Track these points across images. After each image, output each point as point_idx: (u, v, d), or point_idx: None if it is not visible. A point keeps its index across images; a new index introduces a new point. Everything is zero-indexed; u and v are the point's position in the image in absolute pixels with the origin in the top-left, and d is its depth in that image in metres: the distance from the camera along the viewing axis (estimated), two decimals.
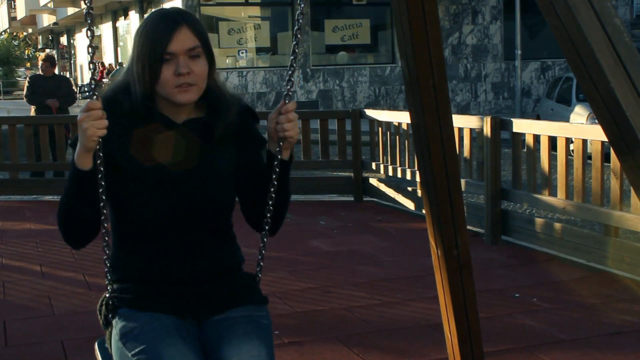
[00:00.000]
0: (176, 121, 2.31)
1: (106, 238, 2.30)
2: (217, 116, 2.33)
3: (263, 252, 2.51)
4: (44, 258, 6.51)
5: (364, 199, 9.02)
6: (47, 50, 40.50)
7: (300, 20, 2.32)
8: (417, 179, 7.74)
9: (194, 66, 2.24)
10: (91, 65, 2.15)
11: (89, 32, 2.15)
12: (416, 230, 7.28)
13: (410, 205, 8.17)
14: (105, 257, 2.32)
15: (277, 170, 2.35)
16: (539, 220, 6.59)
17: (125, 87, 2.30)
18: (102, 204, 2.24)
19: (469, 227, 3.93)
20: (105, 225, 2.27)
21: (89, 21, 2.15)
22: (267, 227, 2.43)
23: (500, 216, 6.73)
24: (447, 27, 22.90)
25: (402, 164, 8.32)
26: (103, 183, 2.20)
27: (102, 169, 2.19)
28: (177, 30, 2.21)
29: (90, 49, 2.16)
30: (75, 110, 12.02)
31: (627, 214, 5.46)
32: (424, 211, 2.69)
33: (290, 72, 2.34)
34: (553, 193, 6.30)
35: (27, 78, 11.51)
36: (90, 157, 2.16)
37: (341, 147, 9.10)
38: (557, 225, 6.35)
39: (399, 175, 8.33)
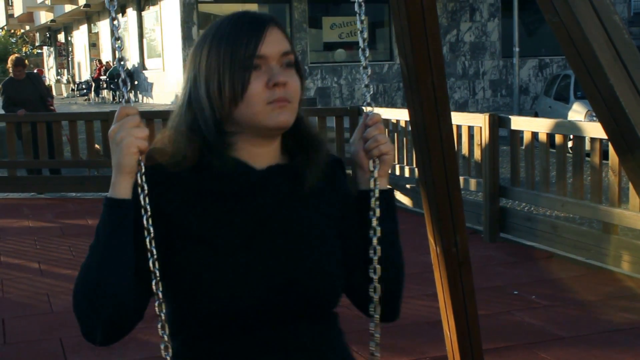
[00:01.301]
0: (256, 167, 1.64)
1: (165, 337, 1.54)
2: (307, 160, 1.68)
3: (376, 335, 1.89)
4: (43, 255, 6.51)
5: None
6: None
7: (364, 23, 1.92)
8: (416, 176, 7.75)
9: (289, 77, 1.60)
10: (117, 62, 1.60)
11: (115, 22, 1.62)
12: (414, 227, 7.26)
13: (408, 202, 8.17)
14: (166, 354, 1.56)
15: (381, 206, 1.74)
16: (537, 218, 6.59)
17: (178, 130, 1.62)
18: (153, 258, 1.53)
19: (467, 225, 3.92)
20: (160, 292, 1.54)
21: (114, 8, 1.65)
22: (376, 297, 1.79)
23: (498, 214, 6.73)
24: (445, 24, 22.90)
25: (400, 162, 8.32)
26: (151, 225, 1.52)
27: (146, 194, 1.53)
28: (268, 30, 1.60)
29: (115, 41, 1.60)
30: (73, 107, 11.93)
31: (626, 211, 5.46)
32: (422, 209, 2.69)
33: (365, 75, 1.87)
34: (551, 190, 6.30)
35: (1, 86, 11.11)
36: (130, 181, 1.52)
37: (339, 144, 9.10)
38: (556, 222, 6.35)
39: (397, 172, 8.33)
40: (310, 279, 1.61)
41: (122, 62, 1.61)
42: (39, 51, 48.15)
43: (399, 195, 8.36)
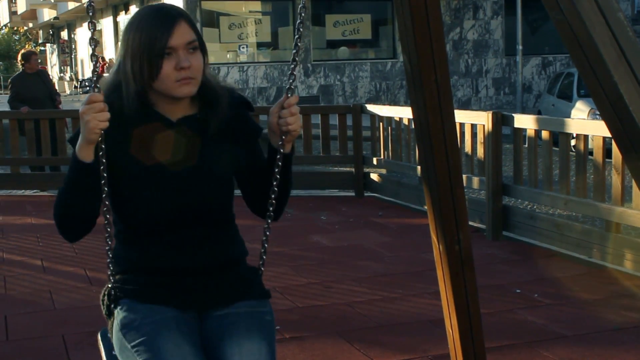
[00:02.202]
0: (172, 119, 2.31)
1: (108, 229, 2.30)
2: (211, 111, 2.34)
3: (266, 245, 2.49)
4: (45, 252, 6.51)
5: (365, 194, 9.02)
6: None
7: (303, 14, 2.32)
8: (419, 174, 7.74)
9: (193, 60, 2.23)
10: (93, 58, 2.16)
11: (90, 25, 2.14)
12: (417, 225, 7.27)
13: (411, 200, 8.17)
14: (107, 247, 2.33)
15: (280, 163, 2.35)
16: (540, 216, 6.59)
17: (116, 85, 2.28)
18: (104, 195, 2.24)
19: (470, 223, 3.93)
20: (108, 216, 2.29)
21: (91, 14, 2.16)
22: (269, 219, 2.44)
23: (501, 212, 6.73)
24: (448, 22, 22.87)
25: (403, 159, 8.31)
26: (105, 175, 2.20)
27: (104, 160, 2.19)
28: (177, 24, 2.20)
29: (91, 41, 2.15)
30: (75, 105, 11.91)
31: (629, 210, 5.45)
32: (425, 206, 2.69)
33: (292, 65, 2.34)
34: (554, 188, 6.29)
35: (10, 81, 11.07)
36: (91, 149, 2.16)
37: (342, 142, 9.10)
38: (559, 221, 6.35)
39: (400, 170, 8.33)
40: (203, 200, 2.31)
41: (94, 57, 2.17)
42: (42, 48, 48.15)
43: (402, 194, 8.35)
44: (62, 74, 41.39)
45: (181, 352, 2.16)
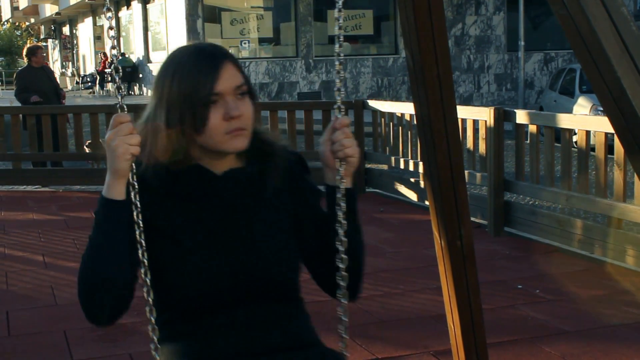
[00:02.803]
0: (216, 172, 1.93)
1: (152, 319, 1.83)
2: (263, 164, 1.95)
3: (345, 319, 2.07)
4: (47, 248, 6.52)
5: (367, 189, 9.02)
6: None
7: (340, 22, 2.10)
8: (420, 169, 7.74)
9: (242, 107, 1.86)
10: (114, 72, 1.84)
11: (109, 32, 1.86)
12: (419, 221, 7.27)
13: (413, 196, 8.16)
14: (152, 346, 1.84)
15: (344, 203, 1.94)
16: (542, 212, 6.58)
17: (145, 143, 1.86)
18: (140, 250, 1.81)
19: (472, 219, 3.92)
20: (148, 279, 1.81)
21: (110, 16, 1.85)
22: (343, 284, 2.00)
23: (503, 207, 6.72)
24: (450, 18, 22.84)
25: (405, 155, 8.31)
26: (140, 223, 1.79)
27: (136, 192, 1.80)
28: (223, 67, 1.84)
29: (112, 30, 1.85)
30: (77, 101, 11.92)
31: (631, 206, 5.45)
32: (427, 202, 2.69)
33: (337, 80, 2.02)
34: (556, 184, 6.29)
35: (16, 74, 11.11)
36: (123, 184, 1.77)
37: None
38: (560, 216, 6.34)
39: (402, 166, 8.33)
40: (262, 267, 1.89)
41: (114, 51, 1.87)
42: (44, 44, 48.17)
43: (404, 190, 8.35)
44: (63, 70, 41.39)
45: None
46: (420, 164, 7.62)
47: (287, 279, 1.95)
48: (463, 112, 6.99)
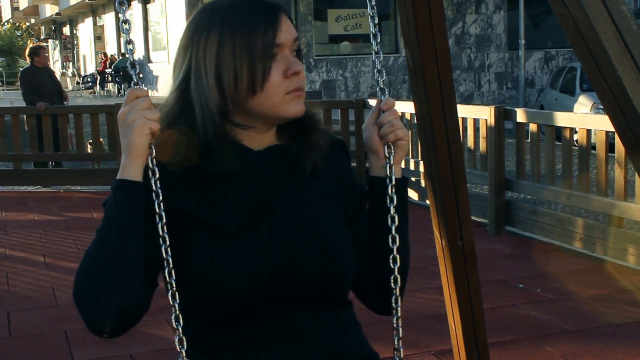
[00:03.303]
0: (254, 148, 1.59)
1: (178, 327, 1.49)
2: (307, 142, 1.64)
3: (400, 334, 1.89)
4: (48, 249, 6.52)
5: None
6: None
7: (374, 8, 1.87)
8: (421, 169, 7.73)
9: (302, 66, 1.58)
10: (130, 45, 1.49)
11: (120, 10, 1.51)
12: (419, 220, 7.25)
13: (413, 195, 8.16)
14: (177, 338, 1.50)
15: (394, 195, 1.68)
16: (543, 211, 6.58)
17: (176, 115, 1.56)
18: (166, 245, 1.47)
19: (472, 218, 3.91)
20: (173, 280, 1.48)
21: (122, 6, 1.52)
22: (398, 294, 1.82)
23: (504, 206, 6.72)
24: (451, 16, 22.84)
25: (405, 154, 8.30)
26: (163, 214, 1.47)
27: (157, 178, 1.48)
28: (282, 16, 1.56)
29: (125, 24, 1.51)
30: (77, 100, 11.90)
31: (631, 204, 5.44)
32: (427, 201, 2.68)
33: (376, 60, 1.83)
34: (557, 183, 6.28)
35: (20, 75, 11.12)
36: (141, 164, 1.46)
37: (344, 137, 9.09)
38: (561, 215, 6.34)
39: (402, 165, 8.31)
40: (317, 260, 1.55)
41: (130, 46, 1.51)
42: (44, 44, 48.22)
43: None
44: (64, 70, 41.42)
45: None
46: (421, 163, 7.62)
47: (346, 275, 1.62)
48: (464, 111, 6.98)
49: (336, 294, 1.62)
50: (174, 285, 1.48)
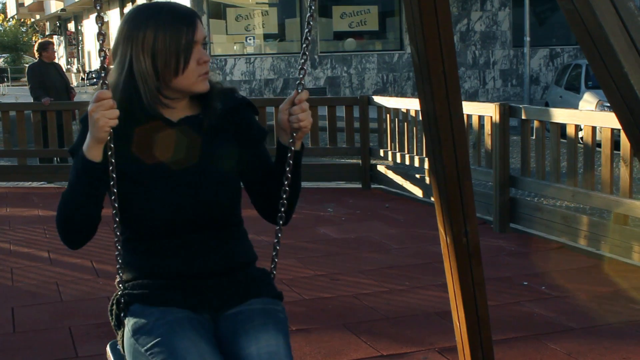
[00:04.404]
0: (172, 119, 2.28)
1: (118, 233, 2.27)
2: (208, 110, 2.31)
3: (277, 247, 2.47)
4: (52, 244, 6.52)
5: (372, 186, 9.01)
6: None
7: (313, 7, 2.28)
8: (426, 166, 7.72)
9: (208, 57, 2.26)
10: (101, 53, 2.11)
11: (98, 19, 2.12)
12: (424, 217, 7.26)
13: (418, 192, 8.15)
14: (117, 253, 2.29)
15: (290, 162, 2.31)
16: (547, 208, 6.56)
17: (120, 87, 2.23)
18: (113, 198, 2.20)
19: (477, 215, 3.91)
20: (117, 219, 2.24)
21: (99, 7, 2.10)
22: (281, 222, 2.38)
23: (508, 204, 6.71)
24: (456, 13, 22.80)
25: (410, 151, 8.29)
26: (114, 175, 2.16)
27: (113, 160, 2.14)
28: (197, 20, 2.22)
29: (100, 36, 2.11)
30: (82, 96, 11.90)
31: (637, 202, 5.43)
32: (432, 198, 2.68)
33: (302, 60, 2.29)
34: (562, 181, 6.27)
35: (28, 70, 11.13)
36: (100, 148, 2.12)
37: (349, 134, 9.08)
38: (566, 213, 6.32)
39: (407, 162, 8.31)
40: (208, 200, 2.26)
41: (102, 52, 2.11)
42: (49, 40, 48.24)
43: (409, 186, 8.34)
44: (69, 66, 41.44)
45: (198, 349, 2.11)
46: (426, 160, 7.61)
47: (227, 209, 2.31)
48: (469, 108, 6.97)
49: (221, 219, 2.31)
50: (117, 206, 2.23)
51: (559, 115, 6.30)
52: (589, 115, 6.38)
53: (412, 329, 4.41)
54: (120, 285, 2.32)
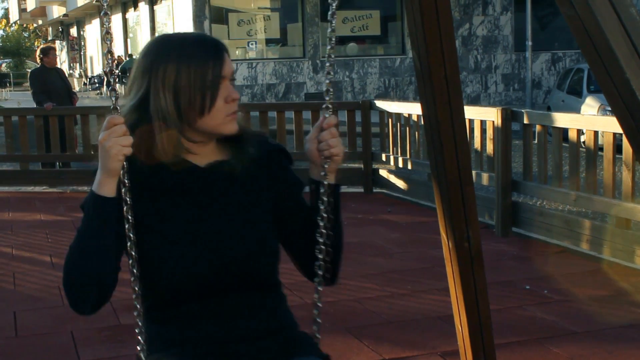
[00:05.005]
0: (199, 164, 1.99)
1: (137, 305, 1.94)
2: (240, 154, 2.02)
3: (319, 305, 2.20)
4: (54, 249, 6.52)
5: (374, 190, 9.01)
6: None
7: (334, 23, 2.17)
8: (428, 170, 7.72)
9: (237, 94, 1.98)
10: (109, 73, 1.93)
11: (104, 29, 1.93)
12: (426, 221, 7.26)
13: (420, 196, 8.15)
14: (137, 330, 1.96)
15: (327, 198, 2.03)
16: (549, 212, 6.56)
17: (136, 124, 1.91)
18: (131, 261, 1.91)
19: (479, 219, 3.90)
20: (136, 289, 1.93)
21: (105, 3, 1.92)
22: (320, 270, 2.10)
23: (510, 208, 6.71)
24: (458, 18, 22.81)
25: (412, 156, 8.30)
26: (130, 218, 1.88)
27: (129, 199, 1.88)
28: (225, 54, 1.95)
29: (108, 56, 1.93)
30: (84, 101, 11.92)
31: (639, 206, 5.43)
32: (434, 203, 2.68)
33: (327, 81, 2.08)
34: (564, 185, 6.27)
35: (30, 75, 11.15)
36: (114, 182, 1.85)
37: (351, 138, 9.09)
38: (568, 217, 6.32)
39: (409, 166, 8.31)
40: (242, 256, 1.97)
41: (112, 73, 1.92)
42: (51, 45, 48.30)
43: (411, 190, 8.34)
44: (71, 71, 41.48)
45: None
46: (428, 165, 7.61)
47: (263, 267, 2.03)
48: (471, 112, 6.97)
49: (256, 280, 2.01)
50: (136, 273, 1.93)
51: (561, 119, 6.31)
52: (591, 120, 6.38)
53: (414, 333, 4.41)
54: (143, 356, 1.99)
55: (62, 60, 45.22)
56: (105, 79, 30.43)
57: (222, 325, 1.97)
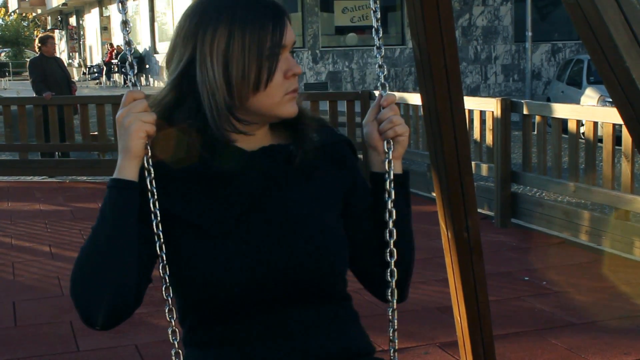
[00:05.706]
0: (247, 149, 1.61)
1: (175, 330, 1.58)
2: (301, 141, 1.65)
3: (394, 321, 1.85)
4: (53, 239, 6.53)
5: None
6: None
7: (377, 2, 1.89)
8: (427, 160, 7.71)
9: (299, 68, 1.61)
10: (127, 46, 1.57)
11: (120, 5, 1.55)
12: (425, 212, 7.24)
13: (419, 187, 8.15)
14: (170, 331, 1.57)
15: (394, 190, 1.70)
16: (549, 203, 6.56)
17: (172, 107, 1.58)
18: (160, 242, 1.53)
19: (478, 210, 3.90)
20: (167, 276, 1.55)
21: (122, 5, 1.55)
22: (392, 278, 1.77)
23: (510, 199, 6.71)
24: (457, 8, 22.77)
25: (411, 146, 8.29)
26: (157, 210, 1.52)
27: (154, 189, 1.53)
28: (286, 19, 1.58)
29: (126, 27, 1.56)
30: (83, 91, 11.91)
31: (638, 197, 5.43)
32: (433, 194, 2.67)
33: (378, 55, 1.79)
34: (563, 176, 6.27)
35: (29, 64, 11.14)
36: (137, 165, 1.52)
37: (350, 128, 9.07)
38: (568, 208, 6.32)
39: (408, 157, 8.31)
40: (305, 260, 1.58)
41: (129, 46, 1.57)
42: (49, 34, 48.23)
43: (410, 181, 8.32)
44: (70, 61, 41.45)
45: None
46: (427, 155, 7.60)
47: (338, 273, 1.66)
48: (470, 103, 6.96)
49: (325, 291, 1.64)
50: (168, 280, 1.55)
51: (561, 110, 6.30)
52: (590, 111, 6.38)
53: (413, 323, 4.41)
54: None
55: (62, 50, 45.16)
56: (105, 69, 30.44)
57: (282, 348, 1.59)
